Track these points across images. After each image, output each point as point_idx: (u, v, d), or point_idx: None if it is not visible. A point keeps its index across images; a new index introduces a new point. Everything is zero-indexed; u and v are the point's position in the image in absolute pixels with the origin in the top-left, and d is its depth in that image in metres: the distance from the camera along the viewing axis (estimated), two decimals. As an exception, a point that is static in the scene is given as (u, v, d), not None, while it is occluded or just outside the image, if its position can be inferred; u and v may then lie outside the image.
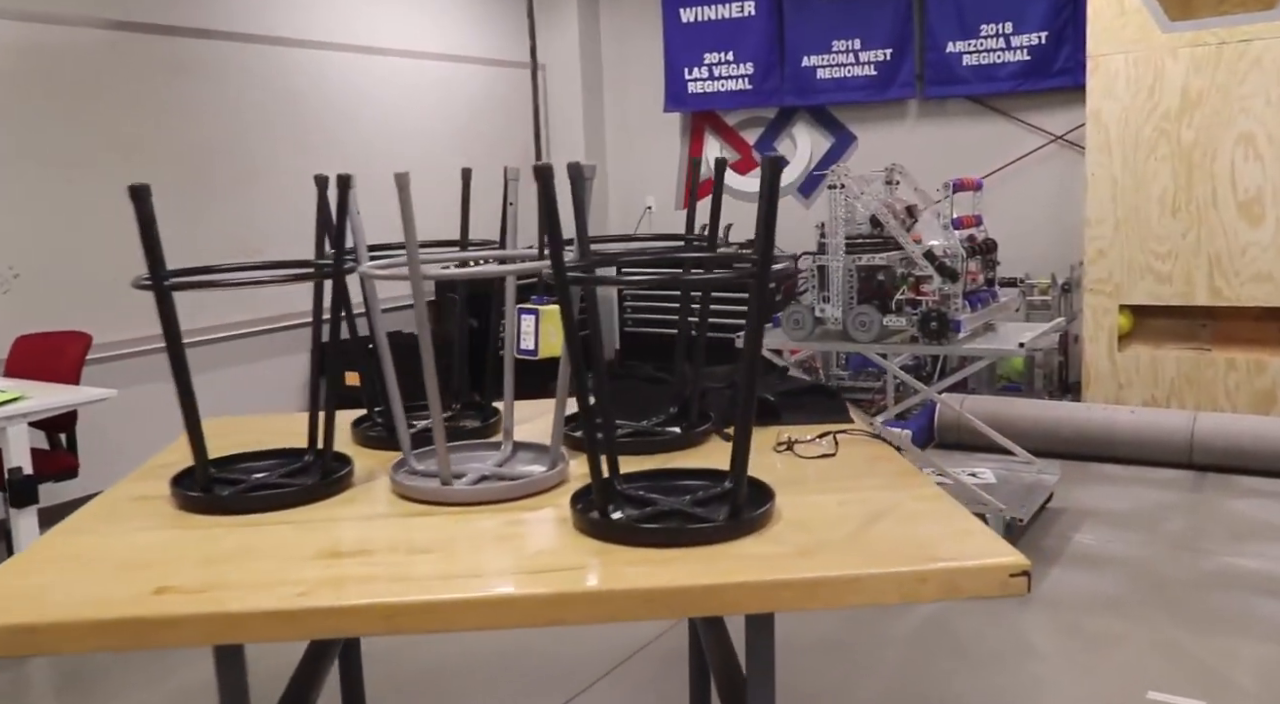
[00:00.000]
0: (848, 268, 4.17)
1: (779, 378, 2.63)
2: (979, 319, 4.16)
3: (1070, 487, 4.77)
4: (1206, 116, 5.28)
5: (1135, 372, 5.57)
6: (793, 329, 4.28)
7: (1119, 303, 5.59)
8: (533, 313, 2.08)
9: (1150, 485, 4.84)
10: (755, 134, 7.30)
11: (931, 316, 3.97)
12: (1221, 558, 3.92)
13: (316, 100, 6.09)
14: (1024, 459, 4.58)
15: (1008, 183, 6.48)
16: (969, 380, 6.06)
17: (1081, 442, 5.21)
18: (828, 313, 4.19)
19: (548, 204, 1.63)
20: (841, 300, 4.16)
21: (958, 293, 4.01)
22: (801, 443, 2.22)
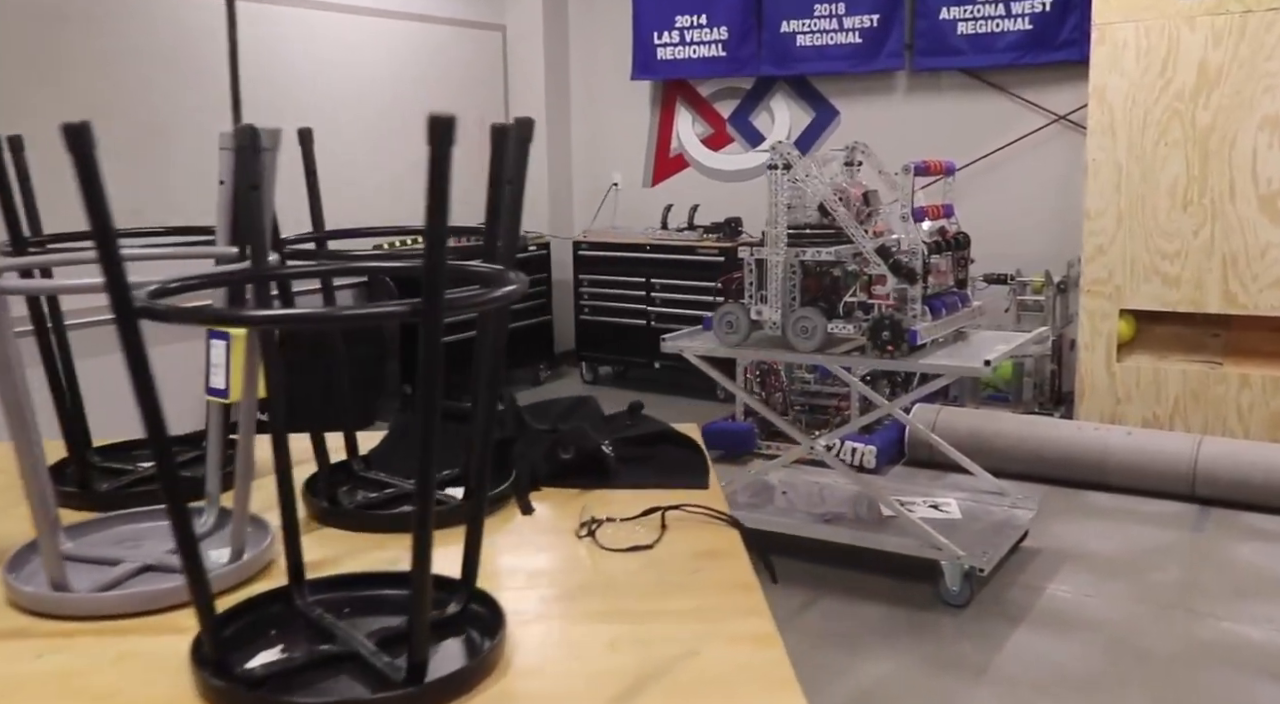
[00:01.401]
0: (789, 263, 3.53)
1: (630, 417, 2.01)
2: (945, 327, 3.52)
3: (1051, 520, 4.14)
4: (1226, 96, 4.60)
5: (1135, 386, 4.91)
6: (725, 333, 3.65)
7: (1119, 307, 4.93)
8: (223, 338, 1.46)
9: (1144, 521, 4.20)
10: (731, 106, 6.64)
11: (883, 324, 3.34)
12: (1220, 623, 3.29)
13: (255, 59, 5.46)
14: (995, 489, 3.94)
15: (1004, 167, 5.81)
16: (950, 388, 5.42)
17: (1069, 465, 4.57)
18: (765, 315, 3.57)
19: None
20: (781, 301, 3.53)
21: (916, 296, 3.37)
22: (617, 523, 1.61)
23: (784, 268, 3.54)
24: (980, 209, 5.81)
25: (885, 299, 3.39)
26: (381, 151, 6.22)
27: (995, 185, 5.82)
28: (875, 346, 3.37)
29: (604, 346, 6.58)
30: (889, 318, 3.34)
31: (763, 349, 3.63)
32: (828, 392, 5.20)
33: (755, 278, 3.62)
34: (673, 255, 6.17)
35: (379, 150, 6.21)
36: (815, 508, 3.92)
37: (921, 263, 3.39)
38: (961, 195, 5.96)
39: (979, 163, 5.80)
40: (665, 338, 3.79)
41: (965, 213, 6.00)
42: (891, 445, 4.88)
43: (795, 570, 3.70)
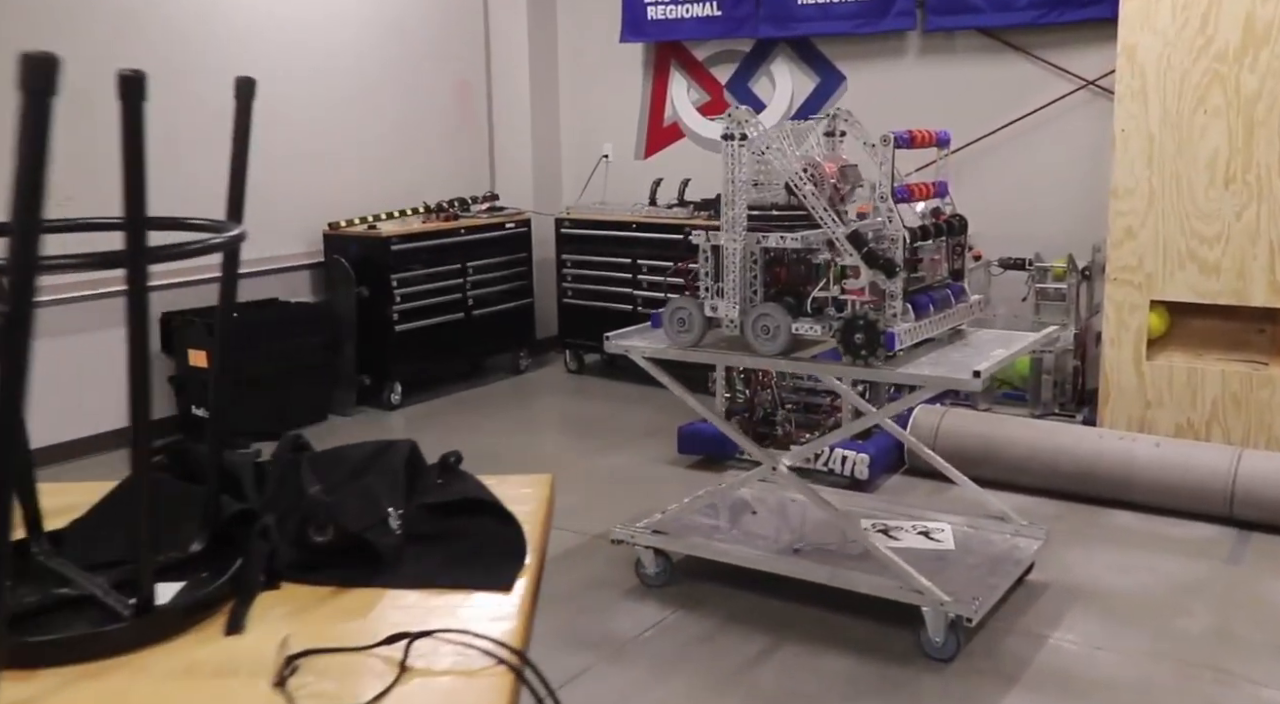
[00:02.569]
0: (749, 251, 3.00)
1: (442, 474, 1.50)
2: (934, 326, 2.98)
3: (1063, 545, 3.59)
4: (1277, 57, 3.98)
5: (1167, 388, 4.33)
6: (676, 331, 3.13)
7: (1150, 298, 4.34)
8: None
9: (1172, 548, 3.64)
10: (728, 71, 6.08)
11: (856, 325, 2.80)
12: (1259, 691, 2.74)
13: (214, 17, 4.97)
14: (997, 513, 3.40)
15: (1025, 138, 5.21)
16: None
17: (1089, 479, 4.01)
18: (721, 311, 3.04)
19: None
20: (740, 295, 3.00)
21: (896, 292, 2.83)
22: (330, 660, 1.10)
23: (742, 256, 3.01)
24: (997, 186, 5.23)
25: (860, 294, 2.85)
26: (352, 119, 5.73)
27: (1014, 159, 5.23)
28: (847, 351, 2.84)
29: (589, 332, 6.05)
30: (863, 318, 2.80)
31: (719, 351, 3.10)
32: (822, 389, 4.65)
33: (711, 267, 3.09)
34: (661, 234, 5.63)
35: (348, 117, 5.71)
36: (786, 533, 3.40)
37: (903, 251, 2.84)
38: (977, 170, 5.39)
39: (997, 134, 5.20)
40: (609, 336, 3.28)
41: (980, 189, 5.43)
42: (888, 452, 4.33)
43: (755, 609, 3.19)
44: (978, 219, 5.34)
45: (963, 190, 5.34)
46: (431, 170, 6.10)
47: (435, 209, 5.87)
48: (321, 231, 5.58)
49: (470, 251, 5.83)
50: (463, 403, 5.66)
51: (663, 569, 3.36)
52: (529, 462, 4.65)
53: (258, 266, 5.37)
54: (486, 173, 6.49)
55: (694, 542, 3.27)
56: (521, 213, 6.16)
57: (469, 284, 5.84)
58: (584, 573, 3.47)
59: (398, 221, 5.66)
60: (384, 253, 5.40)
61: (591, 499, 4.20)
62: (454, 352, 5.82)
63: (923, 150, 3.19)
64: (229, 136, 1.37)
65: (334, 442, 1.44)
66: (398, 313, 5.45)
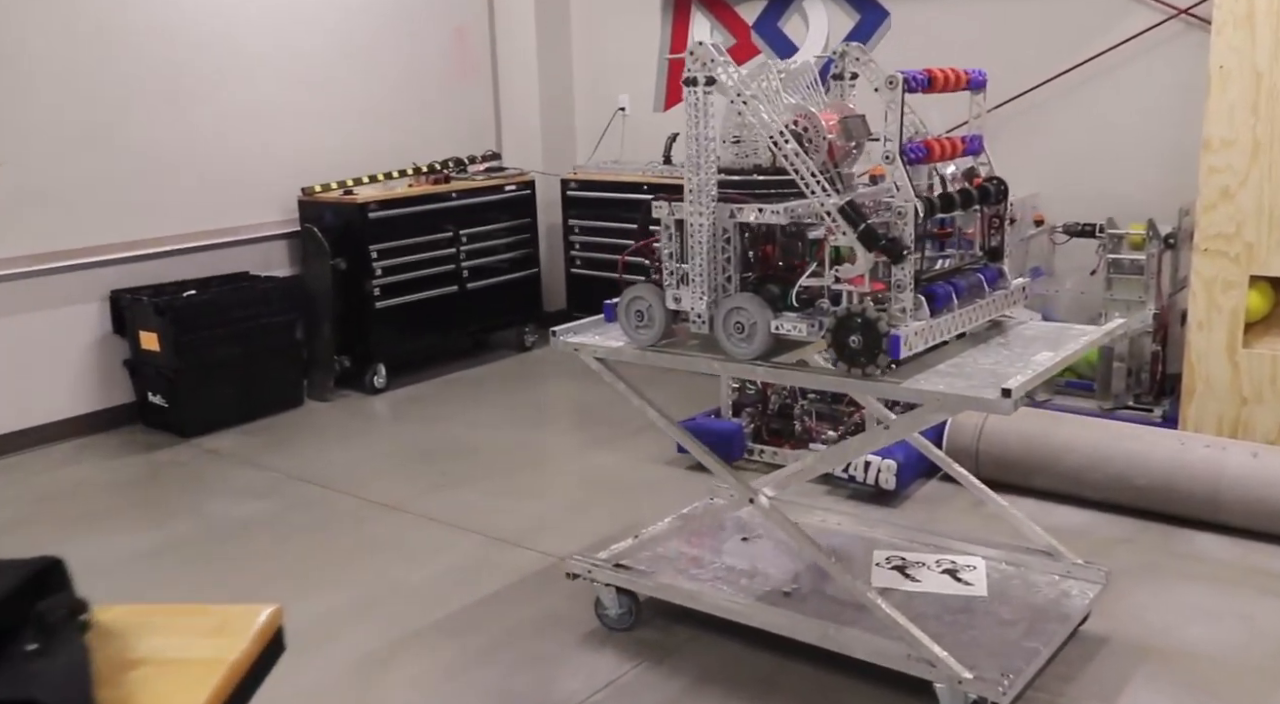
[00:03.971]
0: (720, 226, 2.35)
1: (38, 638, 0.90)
2: (956, 324, 2.31)
3: (1131, 583, 2.90)
4: None
5: (1268, 383, 3.57)
6: (633, 326, 2.50)
7: (1249, 273, 3.57)
8: None
9: (1273, 587, 2.93)
10: (755, 10, 5.35)
11: (851, 324, 2.14)
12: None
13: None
14: (1044, 547, 2.72)
15: (1101, 80, 4.42)
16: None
17: (1168, 494, 3.29)
18: (685, 303, 2.40)
19: None
20: (708, 282, 2.35)
21: (904, 281, 2.16)
22: None
23: (711, 233, 2.35)
24: (1065, 137, 4.47)
25: (859, 283, 2.18)
26: (335, 71, 5.15)
27: (1086, 105, 4.44)
28: (840, 357, 2.18)
29: (599, 305, 5.42)
30: (860, 315, 2.14)
31: (684, 352, 2.46)
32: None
33: (676, 247, 2.44)
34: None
35: (330, 70, 5.13)
36: (781, 566, 2.76)
37: (914, 228, 2.16)
38: (1042, 120, 4.58)
39: (1067, 76, 4.42)
40: (557, 332, 2.66)
41: (1045, 142, 4.61)
42: (922, 456, 3.65)
43: (736, 663, 2.57)
44: (1042, 177, 4.59)
45: (1023, 143, 4.58)
46: (426, 128, 5.50)
47: (427, 171, 5.28)
48: (297, 198, 5.02)
49: (465, 217, 5.23)
50: (455, 385, 5.09)
51: (627, 610, 2.75)
52: (507, 458, 4.07)
53: (226, 237, 4.85)
54: (490, 130, 5.87)
55: (661, 582, 2.65)
56: (524, 173, 5.54)
57: (463, 254, 5.25)
58: (537, 608, 2.88)
59: (379, 185, 5.08)
60: (360, 220, 4.83)
61: (570, 508, 3.61)
62: (447, 329, 5.25)
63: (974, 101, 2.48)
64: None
65: (308, 431, 0.98)
66: (378, 287, 4.89)
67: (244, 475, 3.98)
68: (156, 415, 4.48)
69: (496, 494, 3.74)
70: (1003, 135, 4.43)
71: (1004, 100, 4.41)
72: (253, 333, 4.55)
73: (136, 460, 4.19)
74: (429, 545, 3.34)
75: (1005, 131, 4.39)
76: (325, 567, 3.22)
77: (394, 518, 3.56)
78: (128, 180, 4.49)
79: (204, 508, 3.69)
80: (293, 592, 3.05)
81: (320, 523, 3.54)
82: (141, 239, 4.55)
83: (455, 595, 2.98)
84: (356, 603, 2.98)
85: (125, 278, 4.51)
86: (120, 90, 4.43)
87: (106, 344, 4.49)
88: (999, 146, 4.65)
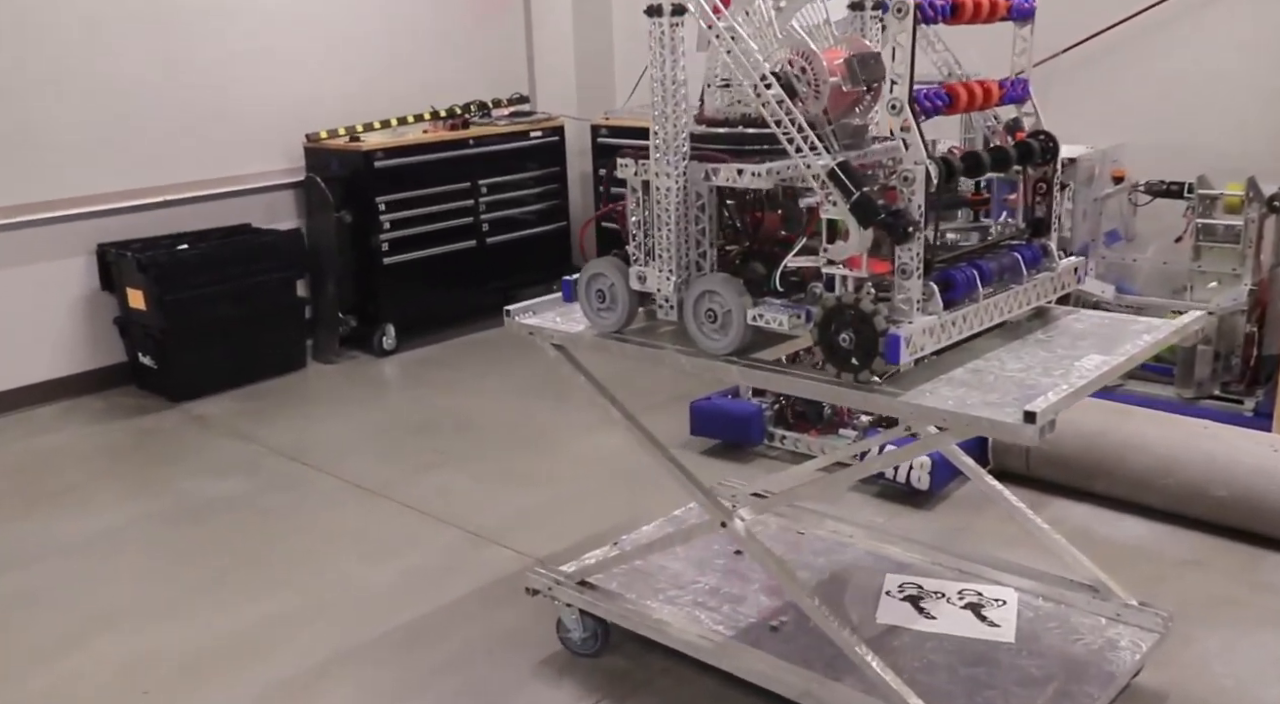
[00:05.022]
0: (693, 191, 1.92)
1: None
2: (981, 317, 1.86)
3: (1196, 625, 2.43)
4: None
5: (1382, 375, 3.02)
6: (594, 309, 2.10)
7: (1366, 245, 3.01)
8: None
9: (1374, 631, 2.44)
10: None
11: (842, 317, 1.71)
12: None
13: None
14: (1089, 581, 2.27)
15: (1194, 17, 3.82)
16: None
17: (1251, 511, 2.80)
18: (651, 283, 1.98)
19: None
20: (676, 259, 1.93)
21: (910, 266, 1.71)
22: None
23: (681, 198, 1.93)
24: (1151, 81, 3.89)
25: (855, 266, 1.74)
26: (347, 6, 4.79)
27: (1177, 44, 3.85)
28: (829, 358, 1.75)
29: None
30: (853, 307, 1.70)
31: (652, 343, 2.05)
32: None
33: (642, 214, 2.02)
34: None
35: (343, 4, 4.77)
36: (774, 594, 2.36)
37: (924, 197, 1.70)
38: (1126, 62, 3.94)
39: (1155, 10, 3.82)
40: (510, 311, 2.27)
41: (1128, 87, 3.99)
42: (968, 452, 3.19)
43: (710, 702, 2.19)
44: (1125, 127, 3.99)
45: (1103, 89, 3.97)
46: (448, 69, 5.10)
47: (446, 116, 4.89)
48: (302, 145, 4.69)
49: (485, 166, 4.85)
50: (470, 349, 4.75)
51: (592, 634, 2.38)
52: (509, 435, 3.71)
53: (227, 186, 4.54)
54: (520, 71, 5.44)
55: (627, 607, 2.27)
56: (553, 118, 5.12)
57: (483, 206, 4.88)
58: (497, 623, 2.53)
59: (389, 132, 4.71)
60: (367, 170, 4.47)
61: (563, 497, 3.24)
62: (465, 287, 4.88)
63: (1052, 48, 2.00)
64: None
65: (305, 397, 0.72)
66: (386, 242, 4.54)
67: (226, 448, 3.69)
68: (148, 377, 4.22)
69: (487, 478, 3.39)
70: (1079, 79, 3.87)
71: (1081, 39, 3.84)
72: (249, 290, 4.24)
73: (119, 427, 3.94)
74: (400, 539, 3.01)
75: (1082, 75, 3.83)
76: (284, 560, 2.91)
77: (371, 504, 3.24)
78: (117, 125, 4.19)
79: (176, 484, 3.42)
80: (242, 589, 2.75)
81: (292, 507, 3.24)
82: (133, 189, 4.26)
83: (412, 603, 2.64)
84: (305, 607, 2.66)
85: (117, 230, 4.23)
86: (109, 25, 4.11)
87: (96, 301, 4.23)
88: (1074, 92, 4.10)
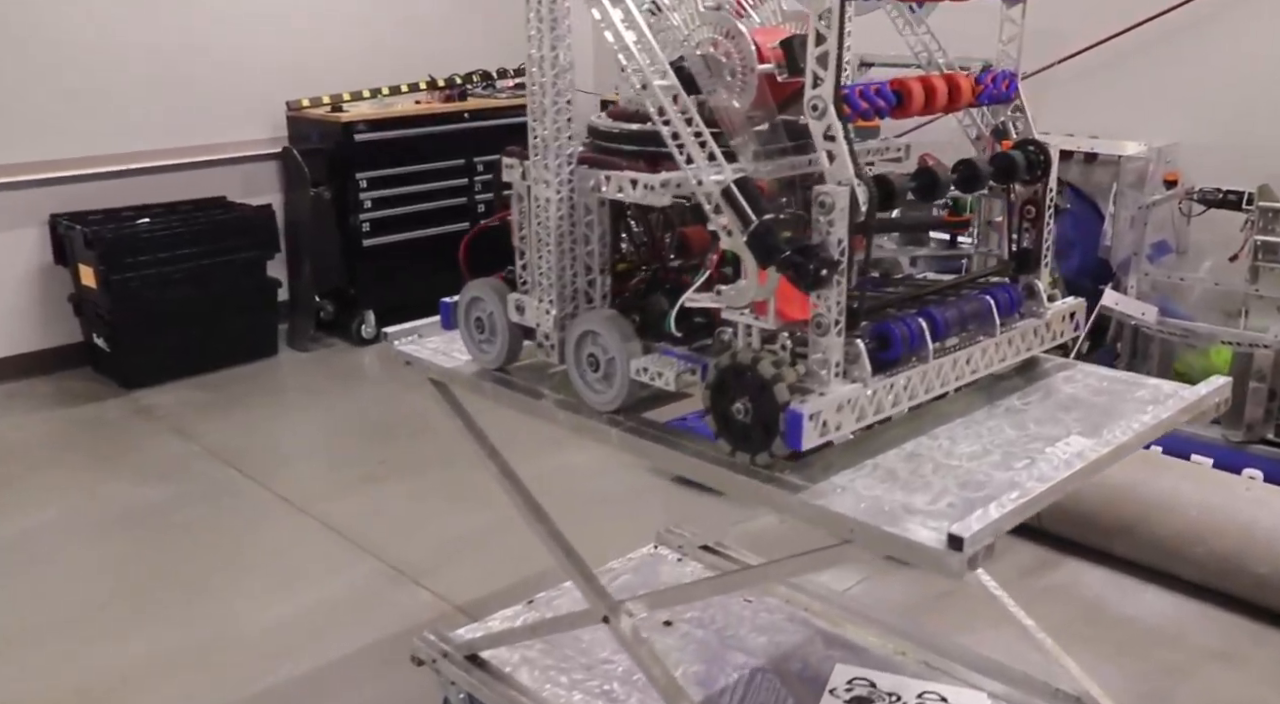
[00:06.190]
0: (580, 204, 1.53)
1: None
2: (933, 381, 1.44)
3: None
4: None
5: None
6: (474, 339, 1.72)
7: None
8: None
9: None
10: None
11: (739, 382, 1.31)
12: None
13: None
14: (1074, 691, 1.84)
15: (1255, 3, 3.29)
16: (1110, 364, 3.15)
17: (1299, 588, 2.34)
18: (529, 316, 1.60)
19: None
20: (557, 289, 1.55)
21: (827, 318, 1.29)
22: None
23: (562, 212, 1.54)
24: (1204, 76, 3.38)
25: (761, 312, 1.34)
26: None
27: (1240, 32, 3.32)
28: (722, 433, 1.35)
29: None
30: (749, 369, 1.30)
31: (520, 392, 1.67)
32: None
33: (527, 230, 1.64)
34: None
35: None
36: (702, 680, 1.97)
37: (844, 234, 1.28)
38: (1183, 51, 3.41)
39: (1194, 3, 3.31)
40: (389, 332, 1.91)
41: (1188, 80, 3.44)
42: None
43: None
44: (1182, 125, 3.45)
45: (1157, 81, 3.44)
46: (451, 34, 4.73)
47: (444, 86, 4.53)
48: (285, 114, 4.36)
49: (481, 143, 4.48)
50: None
51: (482, 717, 2.02)
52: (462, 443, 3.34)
53: (202, 155, 4.23)
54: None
55: (512, 695, 1.90)
56: (559, 93, 4.71)
57: (479, 185, 4.52)
58: (378, 693, 2.18)
59: (376, 102, 4.35)
60: (346, 143, 4.13)
61: (503, 526, 2.84)
62: (457, 271, 4.52)
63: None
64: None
65: (267, 389, 0.48)
66: (367, 222, 4.20)
67: (162, 447, 3.40)
68: (102, 360, 3.95)
69: (428, 496, 3.04)
70: (1132, 67, 3.37)
71: (1133, 24, 3.34)
72: (211, 271, 3.94)
73: (59, 416, 3.67)
74: (313, 567, 2.68)
75: (1134, 65, 3.34)
76: (178, 587, 2.61)
77: (295, 523, 2.91)
78: (81, 86, 3.89)
79: (97, 488, 3.13)
80: (116, 625, 2.45)
81: (210, 522, 2.93)
82: (96, 155, 3.97)
83: (290, 659, 2.30)
84: (177, 650, 2.34)
85: (81, 200, 3.95)
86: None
87: (52, 275, 3.96)
88: (1126, 81, 3.56)
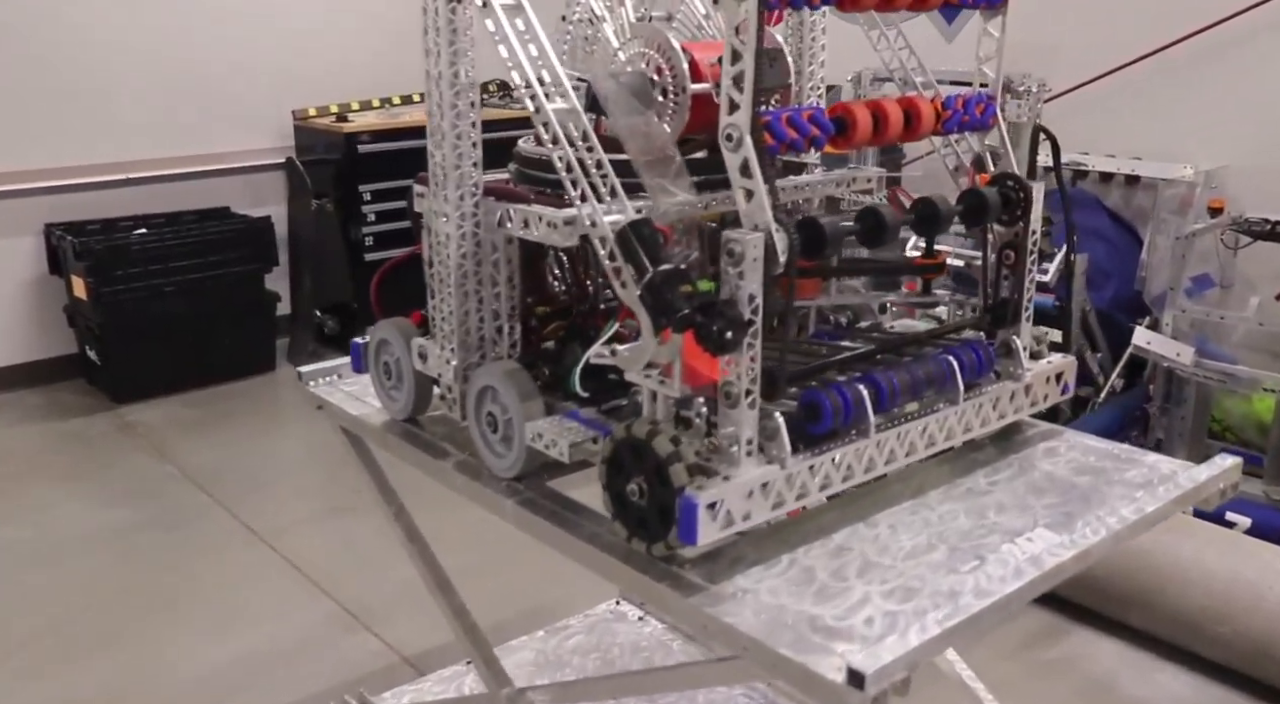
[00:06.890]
0: (486, 241, 1.35)
1: None
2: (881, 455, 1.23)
3: None
4: None
5: None
6: (384, 386, 1.54)
7: None
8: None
9: None
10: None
11: (634, 459, 1.11)
12: None
13: None
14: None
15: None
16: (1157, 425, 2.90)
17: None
18: (430, 362, 1.42)
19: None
20: (458, 335, 1.36)
21: (736, 387, 1.09)
22: None
23: (464, 250, 1.36)
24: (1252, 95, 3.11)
25: (668, 374, 1.13)
26: None
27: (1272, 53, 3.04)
28: (617, 516, 1.15)
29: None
30: (644, 444, 1.10)
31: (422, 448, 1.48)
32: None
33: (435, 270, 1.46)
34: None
35: None
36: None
37: (757, 288, 1.08)
38: (1236, 67, 3.13)
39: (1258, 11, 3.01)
40: (302, 372, 1.73)
41: (1241, 98, 3.16)
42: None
43: None
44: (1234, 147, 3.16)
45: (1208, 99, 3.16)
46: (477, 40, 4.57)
47: (458, 95, 4.37)
48: (292, 123, 4.24)
49: (494, 156, 4.27)
50: (457, 360, 4.25)
51: (406, 795, 1.84)
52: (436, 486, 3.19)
53: (204, 165, 4.12)
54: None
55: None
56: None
57: (487, 199, 4.35)
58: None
59: (385, 112, 4.21)
60: (349, 154, 3.98)
61: (467, 569, 2.64)
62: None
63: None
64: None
65: (257, 407, 0.47)
66: (370, 235, 4.06)
67: (137, 466, 3.28)
68: (94, 373, 3.85)
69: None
70: (1180, 86, 3.11)
71: (1183, 35, 3.07)
72: (206, 284, 3.82)
73: (43, 430, 3.57)
74: (264, 607, 2.53)
75: (1185, 80, 3.08)
76: (118, 622, 2.47)
77: (255, 555, 2.76)
78: (82, 92, 3.80)
79: (62, 507, 3.02)
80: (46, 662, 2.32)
81: (168, 551, 2.79)
82: (96, 164, 3.88)
83: (225, 711, 2.15)
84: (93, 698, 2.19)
85: (78, 209, 3.85)
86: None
87: (47, 286, 3.88)
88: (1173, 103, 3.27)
